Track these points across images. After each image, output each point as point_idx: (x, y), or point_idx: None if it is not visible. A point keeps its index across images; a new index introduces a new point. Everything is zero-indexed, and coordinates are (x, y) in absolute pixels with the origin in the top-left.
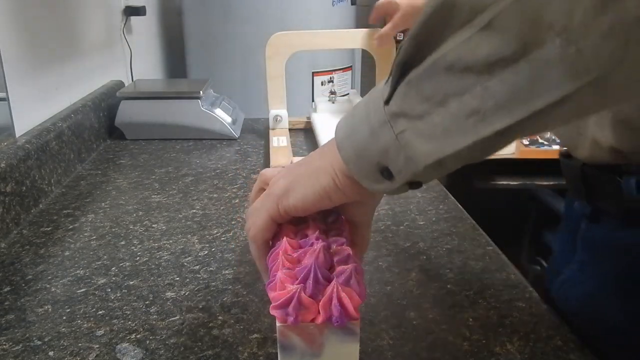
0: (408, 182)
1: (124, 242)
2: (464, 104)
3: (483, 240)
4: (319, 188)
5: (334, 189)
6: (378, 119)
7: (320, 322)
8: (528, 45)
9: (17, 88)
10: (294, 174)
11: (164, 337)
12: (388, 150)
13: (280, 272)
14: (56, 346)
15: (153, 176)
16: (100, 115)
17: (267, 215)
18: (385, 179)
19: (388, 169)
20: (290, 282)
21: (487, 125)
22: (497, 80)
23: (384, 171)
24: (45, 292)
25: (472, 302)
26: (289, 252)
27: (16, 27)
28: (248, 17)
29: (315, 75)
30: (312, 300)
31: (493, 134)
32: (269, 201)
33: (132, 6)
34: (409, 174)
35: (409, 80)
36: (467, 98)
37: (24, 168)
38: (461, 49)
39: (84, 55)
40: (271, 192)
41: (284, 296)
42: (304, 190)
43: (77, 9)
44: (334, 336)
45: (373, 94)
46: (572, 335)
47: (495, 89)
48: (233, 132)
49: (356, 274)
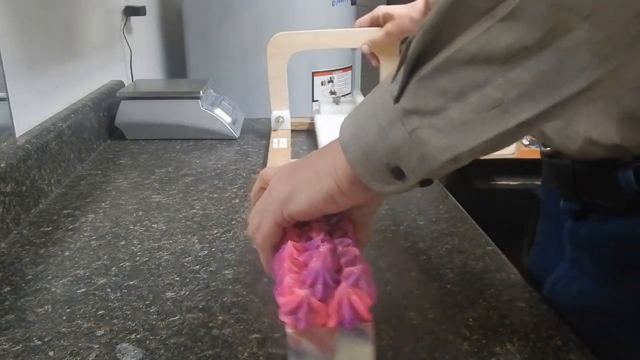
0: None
1: (124, 242)
2: (485, 97)
3: (483, 240)
4: (323, 193)
5: (338, 193)
6: (387, 117)
7: (332, 326)
8: (554, 32)
9: (17, 88)
10: (296, 178)
11: (164, 337)
12: (399, 149)
13: (288, 277)
14: (56, 346)
15: (153, 176)
16: (100, 115)
17: (273, 220)
18: (397, 180)
19: (399, 169)
20: (298, 286)
21: (511, 116)
22: (521, 70)
23: (395, 171)
24: (45, 292)
25: (472, 302)
26: (295, 256)
27: (16, 27)
28: (248, 17)
29: (315, 75)
30: (322, 304)
31: (516, 125)
32: (272, 206)
33: (132, 6)
34: (423, 172)
35: (422, 75)
36: (488, 90)
37: (24, 168)
38: (481, 39)
39: (84, 55)
40: (274, 197)
41: (294, 301)
42: (307, 195)
43: (77, 9)
44: (346, 339)
45: (378, 93)
46: (572, 335)
47: (519, 79)
48: (233, 132)
49: (365, 274)
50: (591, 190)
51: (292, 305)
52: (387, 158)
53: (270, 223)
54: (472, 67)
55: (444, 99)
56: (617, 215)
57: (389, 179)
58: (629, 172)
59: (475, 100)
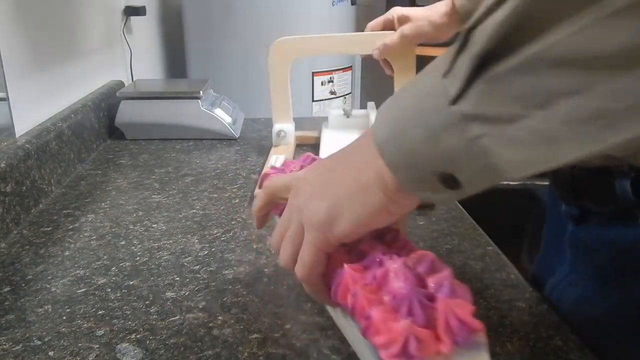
0: None
1: (124, 242)
2: (581, 106)
3: (483, 240)
4: (375, 207)
5: (391, 205)
6: (440, 120)
7: (447, 351)
8: None
9: (17, 88)
10: (332, 192)
11: (164, 337)
12: (455, 157)
13: (376, 312)
14: (56, 346)
15: (153, 176)
16: (100, 115)
17: (315, 248)
18: (448, 188)
19: (453, 177)
20: (394, 317)
21: (616, 132)
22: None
23: (446, 179)
24: (45, 292)
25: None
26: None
27: (16, 27)
28: (248, 17)
29: (315, 76)
30: (429, 331)
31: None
32: (312, 232)
33: (132, 6)
34: (487, 183)
35: (493, 75)
36: (585, 99)
37: (24, 168)
38: (580, 38)
39: (84, 55)
40: (310, 220)
41: (399, 339)
42: (355, 213)
43: (77, 9)
44: (464, 357)
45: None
46: (572, 335)
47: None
48: (233, 132)
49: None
50: (590, 196)
51: (398, 345)
52: (438, 165)
53: (312, 252)
54: (565, 71)
55: (521, 106)
56: (615, 221)
57: (439, 187)
58: (625, 182)
59: (565, 110)
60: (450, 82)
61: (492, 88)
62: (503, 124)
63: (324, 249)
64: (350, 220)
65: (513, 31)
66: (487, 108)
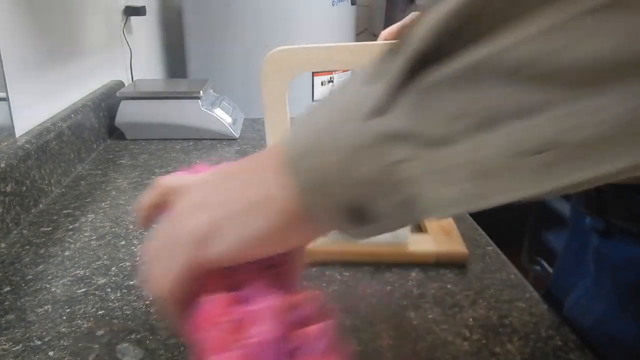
0: None
1: (124, 242)
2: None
3: (483, 240)
4: (261, 233)
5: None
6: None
7: None
8: None
9: (17, 88)
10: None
11: (164, 337)
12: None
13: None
14: (56, 346)
15: (153, 176)
16: (100, 115)
17: (185, 266)
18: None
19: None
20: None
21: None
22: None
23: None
24: (45, 292)
25: (472, 302)
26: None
27: (16, 27)
28: (248, 17)
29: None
30: None
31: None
32: (183, 246)
33: (132, 6)
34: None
35: (427, 84)
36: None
37: (24, 168)
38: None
39: (84, 55)
40: (184, 230)
41: None
42: (236, 235)
43: (77, 9)
44: None
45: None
46: (572, 335)
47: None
48: (233, 132)
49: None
50: (615, 212)
51: None
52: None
53: (178, 270)
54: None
55: (458, 126)
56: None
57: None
58: None
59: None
60: (371, 91)
61: (423, 101)
62: (431, 147)
63: (192, 270)
64: (229, 243)
65: (455, 29)
66: (414, 126)
